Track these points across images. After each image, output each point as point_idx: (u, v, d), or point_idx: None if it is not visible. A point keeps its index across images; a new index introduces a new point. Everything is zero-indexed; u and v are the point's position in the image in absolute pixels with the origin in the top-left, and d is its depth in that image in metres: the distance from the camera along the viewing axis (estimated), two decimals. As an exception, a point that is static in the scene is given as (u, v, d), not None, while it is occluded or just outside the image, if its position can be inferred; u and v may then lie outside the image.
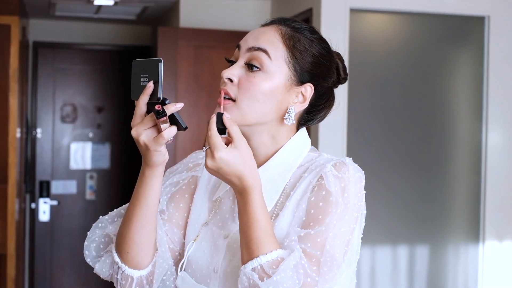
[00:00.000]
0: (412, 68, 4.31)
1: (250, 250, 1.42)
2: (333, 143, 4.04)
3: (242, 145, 1.44)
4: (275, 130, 1.56)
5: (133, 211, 1.54)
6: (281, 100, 1.53)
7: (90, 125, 6.29)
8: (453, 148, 4.35)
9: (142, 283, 1.59)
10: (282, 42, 1.53)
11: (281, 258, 1.40)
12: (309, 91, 1.55)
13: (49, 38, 6.15)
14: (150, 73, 1.44)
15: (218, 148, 1.42)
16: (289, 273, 1.37)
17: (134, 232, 1.54)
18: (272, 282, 1.37)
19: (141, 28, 6.31)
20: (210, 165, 1.43)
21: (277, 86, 1.52)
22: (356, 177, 1.48)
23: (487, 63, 4.32)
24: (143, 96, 1.45)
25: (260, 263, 1.40)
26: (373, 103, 4.25)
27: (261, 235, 1.42)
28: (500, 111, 4.34)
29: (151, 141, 1.44)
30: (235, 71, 1.53)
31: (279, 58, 1.52)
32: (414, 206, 4.30)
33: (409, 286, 4.31)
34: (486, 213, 4.31)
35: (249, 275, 1.40)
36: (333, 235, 1.42)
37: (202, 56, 4.80)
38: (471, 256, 4.35)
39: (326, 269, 1.40)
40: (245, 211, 1.44)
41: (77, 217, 6.20)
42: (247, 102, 1.50)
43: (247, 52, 1.54)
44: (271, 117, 1.54)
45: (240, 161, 1.43)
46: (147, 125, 1.45)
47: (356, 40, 4.17)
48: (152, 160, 1.47)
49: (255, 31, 1.58)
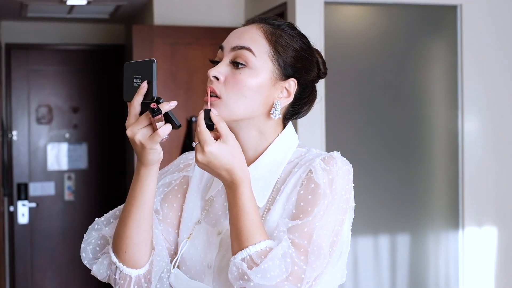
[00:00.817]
0: (387, 59, 4.34)
1: (239, 241, 1.46)
2: (312, 135, 4.06)
3: (230, 139, 1.48)
4: (262, 125, 1.60)
5: (129, 210, 1.57)
6: (267, 95, 1.57)
7: (66, 125, 6.26)
8: (430, 136, 4.39)
9: (140, 282, 1.61)
10: (264, 39, 1.58)
11: (270, 248, 1.44)
12: (293, 86, 1.60)
13: (22, 40, 6.11)
14: (143, 74, 1.46)
15: (208, 143, 1.45)
16: (277, 262, 1.41)
17: (131, 231, 1.57)
18: (260, 270, 1.41)
19: (114, 27, 6.29)
20: (201, 159, 1.47)
21: (263, 81, 1.56)
22: (344, 170, 1.52)
23: (461, 51, 4.37)
24: (137, 96, 1.46)
25: (249, 253, 1.44)
26: (350, 95, 4.28)
27: (250, 227, 1.46)
28: (475, 98, 4.39)
29: (146, 140, 1.47)
30: (221, 69, 1.56)
31: (263, 54, 1.56)
32: (393, 196, 4.34)
33: (391, 274, 4.35)
34: (465, 200, 4.36)
35: (239, 265, 1.44)
36: (320, 225, 1.46)
37: (178, 53, 4.80)
38: (452, 242, 4.40)
39: (314, 258, 1.44)
40: (235, 203, 1.48)
41: (56, 219, 6.17)
42: (234, 98, 1.54)
43: (231, 52, 1.58)
44: (258, 112, 1.57)
45: (229, 155, 1.47)
46: (142, 124, 1.47)
47: (331, 33, 4.19)
48: (148, 158, 1.50)
49: (237, 31, 1.62)
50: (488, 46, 4.41)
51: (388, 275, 4.34)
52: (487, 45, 4.41)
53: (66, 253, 6.12)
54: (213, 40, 4.79)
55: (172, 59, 4.76)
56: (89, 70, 6.30)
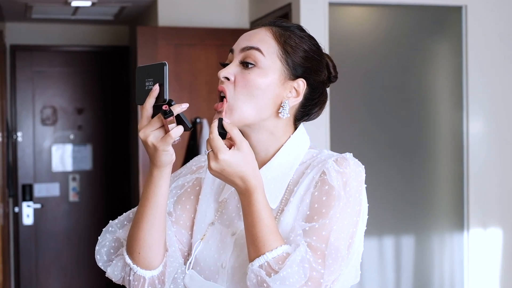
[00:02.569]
0: (392, 60, 4.34)
1: (256, 248, 1.47)
2: (316, 137, 4.06)
3: (244, 146, 1.49)
4: (272, 126, 1.61)
5: (143, 212, 1.58)
6: (276, 94, 1.59)
7: (70, 127, 6.26)
8: (435, 138, 4.38)
9: (154, 283, 1.63)
10: (273, 39, 1.60)
11: (287, 254, 1.45)
12: (302, 86, 1.62)
13: (27, 41, 6.12)
14: (154, 77, 1.48)
15: (221, 151, 1.47)
16: (295, 268, 1.42)
17: (145, 232, 1.59)
18: (279, 278, 1.42)
19: (119, 28, 6.29)
20: (214, 167, 1.48)
21: (272, 81, 1.58)
22: (356, 171, 1.54)
23: (466, 52, 4.36)
24: (150, 98, 1.48)
25: (267, 260, 1.45)
26: (354, 96, 4.27)
27: (266, 233, 1.47)
28: (480, 99, 4.38)
29: (159, 142, 1.48)
30: (231, 69, 1.59)
31: (272, 54, 1.59)
32: (398, 197, 4.33)
33: (396, 276, 4.34)
34: (470, 201, 4.35)
35: (257, 272, 1.45)
36: (337, 228, 1.47)
37: (182, 54, 4.80)
38: (456, 244, 4.39)
39: (331, 261, 1.45)
40: (250, 211, 1.49)
41: (61, 220, 6.18)
42: (244, 98, 1.56)
43: (240, 53, 1.60)
44: (268, 112, 1.59)
45: (242, 162, 1.48)
46: (155, 126, 1.48)
47: (335, 34, 4.19)
48: (160, 160, 1.52)
49: (246, 33, 1.65)
50: (493, 47, 4.40)
51: (392, 276, 4.34)
52: (492, 46, 4.40)
53: (71, 253, 6.12)
54: (217, 42, 4.79)
55: (176, 60, 4.76)
56: (94, 71, 6.31)
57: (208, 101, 4.80)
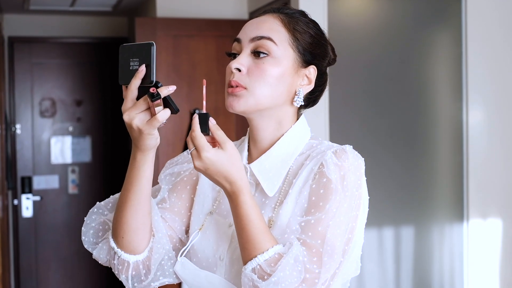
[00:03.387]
0: (392, 50, 4.32)
1: (247, 251, 1.44)
2: (315, 126, 4.05)
3: (228, 147, 1.46)
4: (282, 115, 1.60)
5: (126, 196, 1.55)
6: (290, 83, 1.57)
7: (69, 119, 6.25)
8: (434, 128, 4.37)
9: (138, 268, 1.61)
10: (283, 27, 1.58)
11: (279, 255, 1.42)
12: (313, 73, 1.61)
13: (25, 33, 6.10)
14: (141, 57, 1.43)
15: (204, 149, 1.43)
16: (287, 272, 1.39)
17: (128, 217, 1.56)
18: (271, 282, 1.39)
19: (117, 20, 6.27)
20: (198, 165, 1.45)
21: (286, 69, 1.56)
22: (355, 165, 1.50)
23: (466, 42, 4.34)
24: (135, 79, 1.42)
25: (259, 263, 1.42)
26: (354, 86, 4.26)
27: (256, 235, 1.44)
28: (480, 90, 4.36)
29: (144, 125, 1.44)
30: (242, 60, 1.56)
31: (284, 42, 1.57)
32: (398, 188, 4.32)
33: (396, 267, 4.34)
34: (470, 192, 4.34)
35: (249, 276, 1.42)
36: (334, 224, 1.44)
37: (181, 45, 4.78)
38: (456, 235, 4.39)
39: (327, 258, 1.42)
40: (238, 213, 1.46)
41: (60, 212, 6.17)
42: (260, 88, 1.54)
43: (250, 42, 1.57)
44: (281, 101, 1.57)
45: (227, 161, 1.44)
46: (140, 109, 1.43)
47: (335, 23, 4.17)
48: (145, 144, 1.48)
49: (253, 22, 1.61)
50: (493, 36, 4.38)
51: (392, 267, 4.33)
52: (492, 35, 4.38)
53: (71, 246, 6.12)
54: (216, 32, 4.78)
55: (174, 51, 4.74)
56: (92, 63, 6.29)
57: (207, 92, 4.79)
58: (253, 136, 1.62)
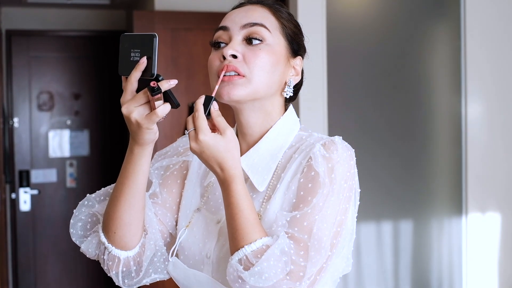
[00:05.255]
0: (390, 43, 4.31)
1: (235, 241, 1.41)
2: (314, 120, 4.03)
3: (228, 134, 1.42)
4: (271, 106, 1.56)
5: (121, 190, 1.51)
6: (282, 72, 1.55)
7: (67, 112, 6.24)
8: (433, 122, 4.36)
9: (129, 264, 1.57)
10: (272, 15, 1.55)
11: (266, 246, 1.38)
12: (299, 64, 1.59)
13: (23, 26, 6.07)
14: (142, 48, 1.39)
15: (203, 131, 1.40)
16: (272, 262, 1.36)
17: (122, 211, 1.52)
18: (254, 272, 1.36)
19: (115, 13, 6.25)
20: (193, 147, 1.42)
21: (280, 57, 1.53)
22: (345, 156, 1.46)
23: (464, 35, 4.33)
24: (136, 72, 1.39)
25: (245, 253, 1.38)
26: (352, 80, 4.25)
27: (245, 225, 1.40)
28: (479, 83, 4.35)
29: (143, 119, 1.40)
30: (237, 47, 1.51)
31: (275, 30, 1.54)
32: (396, 182, 4.31)
33: (395, 261, 4.33)
34: (468, 186, 4.33)
35: (235, 267, 1.39)
36: (320, 218, 1.40)
37: (179, 39, 4.76)
38: (455, 229, 4.38)
39: (314, 253, 1.39)
40: (229, 202, 1.43)
41: (58, 206, 6.16)
42: (258, 75, 1.50)
43: (242, 29, 1.53)
44: (273, 90, 1.55)
45: (223, 148, 1.41)
46: (139, 102, 1.40)
47: (333, 17, 4.15)
48: (143, 138, 1.44)
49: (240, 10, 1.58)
50: (492, 29, 4.37)
51: (391, 262, 4.33)
52: (491, 29, 4.37)
53: (68, 240, 6.06)
54: (214, 25, 4.71)
55: (173, 44, 4.73)
56: (90, 56, 6.27)
57: (205, 85, 4.78)
58: (242, 129, 1.58)
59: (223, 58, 1.52)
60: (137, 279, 1.60)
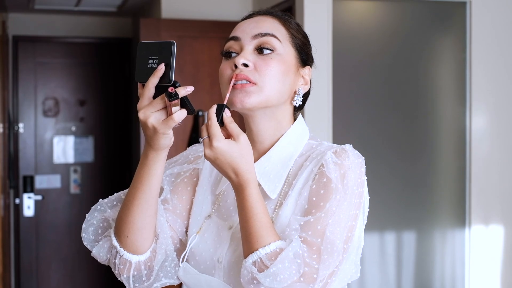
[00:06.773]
0: (396, 55, 4.32)
1: (250, 244, 1.43)
2: (318, 129, 4.04)
3: (242, 139, 1.45)
4: (282, 115, 1.60)
5: (134, 194, 1.54)
6: (293, 81, 1.58)
7: (72, 118, 6.25)
8: (437, 133, 4.36)
9: (140, 268, 1.59)
10: (282, 26, 1.58)
11: (280, 249, 1.41)
12: (308, 74, 1.62)
13: (29, 32, 6.10)
14: (160, 55, 1.41)
15: (217, 138, 1.42)
16: (286, 264, 1.39)
17: (135, 216, 1.54)
18: (269, 274, 1.39)
19: (122, 20, 6.28)
20: (208, 154, 1.44)
21: (290, 67, 1.57)
22: (356, 163, 1.49)
23: (470, 47, 4.34)
24: (153, 78, 1.41)
25: (260, 256, 1.41)
26: (358, 89, 4.25)
27: (259, 228, 1.43)
28: (484, 95, 4.36)
29: (160, 124, 1.42)
30: (249, 56, 1.54)
31: (285, 40, 1.57)
32: (400, 193, 4.31)
33: (397, 272, 4.33)
34: (472, 198, 4.33)
35: (249, 269, 1.41)
36: (333, 222, 1.43)
37: (185, 46, 4.78)
38: (458, 241, 4.37)
39: (326, 256, 1.42)
40: (243, 206, 1.45)
41: (62, 212, 6.17)
42: (270, 83, 1.53)
43: (253, 39, 1.56)
44: (284, 99, 1.58)
45: (237, 153, 1.44)
46: (156, 107, 1.42)
47: (339, 28, 4.17)
48: (159, 143, 1.46)
49: (250, 21, 1.61)
50: (497, 42, 4.38)
51: (394, 273, 4.32)
52: (496, 41, 4.37)
53: (72, 245, 6.12)
54: (220, 34, 4.78)
55: (179, 52, 4.73)
56: (96, 63, 6.29)
57: (211, 93, 4.79)
58: (253, 137, 1.60)
59: (234, 67, 1.54)
60: (147, 283, 1.62)
